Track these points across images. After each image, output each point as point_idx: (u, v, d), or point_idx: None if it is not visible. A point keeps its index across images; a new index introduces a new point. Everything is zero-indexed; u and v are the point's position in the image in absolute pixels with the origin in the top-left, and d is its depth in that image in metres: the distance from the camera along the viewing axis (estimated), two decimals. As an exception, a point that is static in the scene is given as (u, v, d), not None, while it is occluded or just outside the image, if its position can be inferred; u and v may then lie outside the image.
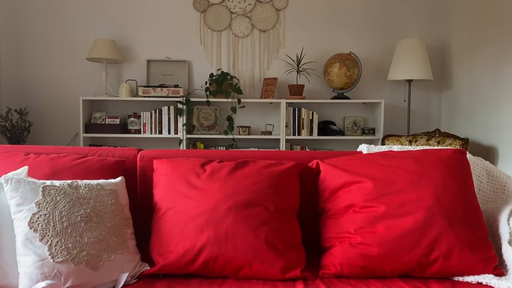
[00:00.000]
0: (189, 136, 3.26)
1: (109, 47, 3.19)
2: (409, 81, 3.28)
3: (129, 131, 3.31)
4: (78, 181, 1.35)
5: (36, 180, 1.29)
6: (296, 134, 3.32)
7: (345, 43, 3.49)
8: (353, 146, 3.54)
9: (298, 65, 3.35)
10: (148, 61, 3.43)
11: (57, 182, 1.32)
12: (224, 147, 3.35)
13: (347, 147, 3.54)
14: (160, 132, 3.29)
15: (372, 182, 1.41)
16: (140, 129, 3.31)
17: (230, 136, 3.28)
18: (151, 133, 3.29)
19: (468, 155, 1.59)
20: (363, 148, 1.65)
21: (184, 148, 3.24)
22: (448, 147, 1.55)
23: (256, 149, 3.21)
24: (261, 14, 3.46)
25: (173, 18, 3.45)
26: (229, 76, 3.25)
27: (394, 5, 3.48)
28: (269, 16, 3.47)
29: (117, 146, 3.37)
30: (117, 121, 3.32)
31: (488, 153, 2.85)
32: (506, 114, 2.65)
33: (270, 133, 3.38)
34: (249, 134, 3.35)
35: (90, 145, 3.36)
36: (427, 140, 2.92)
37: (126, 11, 3.43)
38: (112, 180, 1.43)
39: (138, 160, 1.59)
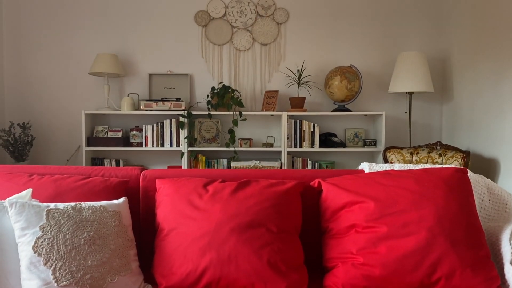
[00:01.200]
0: (191, 149, 3.27)
1: (111, 62, 3.22)
2: (410, 93, 3.29)
3: (131, 144, 3.33)
4: (82, 203, 1.36)
5: (40, 203, 1.30)
6: (298, 146, 3.33)
7: (346, 55, 3.52)
8: (355, 158, 3.55)
9: (299, 78, 3.37)
10: (150, 75, 3.46)
11: (61, 205, 1.33)
12: (226, 159, 3.36)
13: (348, 159, 3.55)
14: (162, 145, 3.31)
15: (374, 202, 1.42)
16: (142, 142, 3.33)
17: (232, 149, 3.29)
18: (153, 146, 3.31)
19: (469, 173, 1.59)
20: (365, 167, 1.66)
21: (186, 161, 3.25)
22: (449, 166, 1.56)
23: (258, 162, 3.23)
24: (262, 28, 3.49)
25: (175, 32, 3.48)
26: (230, 89, 3.27)
27: (394, 17, 3.50)
28: (270, 30, 3.49)
29: (119, 159, 3.39)
30: (119, 134, 3.34)
31: (490, 166, 2.85)
32: (508, 127, 2.65)
33: (271, 145, 3.39)
34: (250, 146, 3.37)
35: (92, 159, 3.37)
36: (429, 152, 2.92)
37: (128, 26, 3.46)
38: (115, 201, 1.44)
39: (140, 180, 1.60)
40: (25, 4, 3.42)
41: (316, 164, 3.38)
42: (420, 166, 1.63)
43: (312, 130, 3.34)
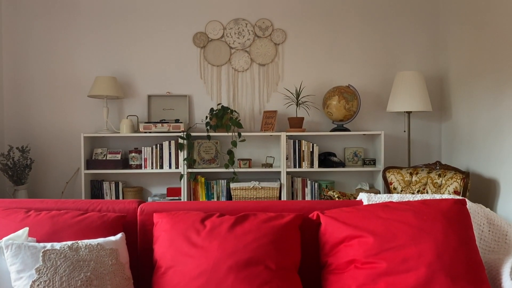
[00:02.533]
0: (190, 170, 3.27)
1: (110, 84, 3.24)
2: (409, 112, 3.30)
3: (130, 167, 3.32)
4: (79, 242, 1.35)
5: (37, 244, 1.30)
6: (297, 167, 3.33)
7: (344, 75, 3.53)
8: (354, 177, 3.54)
9: (297, 98, 3.38)
10: (149, 96, 3.47)
11: (57, 245, 1.32)
12: (225, 180, 3.35)
13: (348, 178, 3.54)
14: (161, 167, 3.31)
15: (373, 236, 1.41)
16: (141, 164, 3.32)
17: (231, 170, 3.29)
18: (152, 168, 3.30)
19: (468, 203, 1.59)
20: (363, 197, 1.66)
21: (185, 183, 3.24)
22: (448, 197, 1.56)
23: (257, 183, 3.22)
24: (260, 48, 3.51)
25: (173, 54, 3.50)
26: (229, 110, 3.28)
27: (391, 37, 3.53)
28: (268, 51, 3.52)
29: (118, 181, 3.38)
30: (118, 156, 3.34)
31: (489, 186, 2.84)
32: (507, 147, 2.65)
33: (270, 165, 3.38)
34: (249, 167, 3.36)
35: (92, 181, 3.37)
36: (428, 172, 2.92)
37: (126, 48, 3.49)
38: (112, 238, 1.43)
39: (138, 213, 1.60)
40: (23, 27, 3.45)
41: (316, 184, 3.37)
42: (419, 197, 1.62)
43: (311, 150, 3.34)
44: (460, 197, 1.57)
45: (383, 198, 1.62)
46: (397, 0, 3.52)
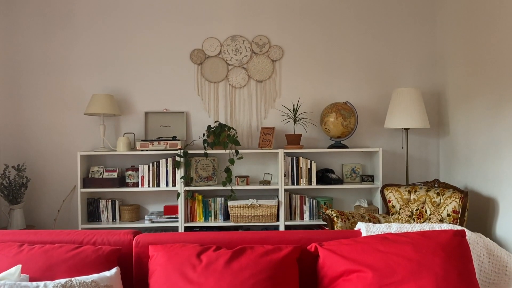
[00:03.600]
0: (187, 188, 3.25)
1: (107, 102, 3.22)
2: (406, 128, 3.29)
3: (127, 185, 3.30)
4: (72, 279, 1.33)
5: (29, 284, 1.27)
6: (295, 184, 3.31)
7: (341, 91, 3.53)
8: (353, 194, 3.52)
9: (294, 115, 3.37)
10: (146, 113, 3.45)
11: (50, 284, 1.29)
12: (223, 198, 3.32)
13: (346, 195, 3.52)
14: (158, 185, 3.28)
15: (372, 271, 1.39)
16: (138, 182, 3.30)
17: (229, 188, 3.27)
18: (149, 186, 3.28)
19: (468, 233, 1.57)
20: (362, 228, 1.64)
21: (182, 201, 3.22)
22: (447, 227, 1.54)
23: (255, 201, 3.19)
24: (257, 65, 3.51)
25: (170, 70, 3.49)
26: (226, 127, 3.26)
27: (388, 53, 3.53)
28: (265, 67, 3.51)
29: (115, 199, 3.35)
30: (115, 174, 3.31)
31: (488, 205, 2.83)
32: (505, 167, 2.64)
33: (268, 182, 3.36)
34: (247, 184, 3.34)
35: (88, 199, 3.34)
36: (426, 191, 2.90)
37: (123, 64, 3.48)
38: (107, 274, 1.40)
39: (133, 246, 1.57)
40: (19, 45, 3.44)
41: (314, 201, 3.35)
42: (418, 227, 1.60)
43: (309, 167, 3.32)
44: (460, 228, 1.55)
45: (381, 228, 1.60)
46: (394, 16, 3.53)
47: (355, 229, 1.68)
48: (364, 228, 1.63)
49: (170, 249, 1.50)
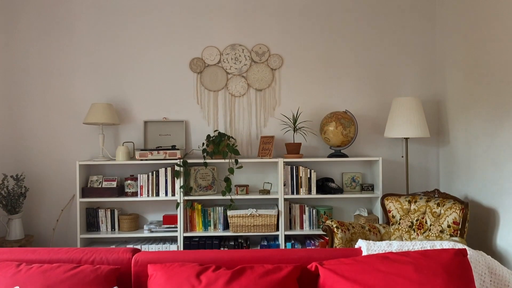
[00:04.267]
0: (186, 198, 3.23)
1: (106, 111, 3.21)
2: (406, 137, 3.28)
3: (126, 194, 3.28)
4: (71, 302, 1.31)
5: (27, 307, 1.26)
6: (295, 193, 3.29)
7: (341, 100, 3.52)
8: (353, 203, 3.51)
9: (294, 124, 3.36)
10: (145, 122, 3.44)
11: (48, 307, 1.28)
12: (222, 207, 3.31)
13: (346, 204, 3.51)
14: (157, 194, 3.27)
15: (372, 292, 1.37)
16: (137, 191, 3.28)
17: (228, 197, 3.25)
18: (148, 196, 3.26)
19: (469, 252, 1.56)
20: (363, 245, 1.63)
21: (182, 211, 3.20)
22: (449, 245, 1.53)
23: (255, 210, 3.18)
24: (256, 74, 3.50)
25: (170, 79, 3.48)
26: (226, 137, 3.25)
27: (388, 61, 3.53)
28: (264, 76, 3.50)
29: (114, 208, 3.33)
30: (114, 184, 3.30)
31: (489, 215, 2.82)
32: (505, 176, 2.63)
33: (268, 192, 3.35)
34: (247, 193, 3.33)
35: (87, 209, 3.32)
36: (427, 201, 2.89)
37: (123, 73, 3.47)
38: (106, 295, 1.39)
39: (132, 265, 1.56)
40: (18, 54, 3.43)
41: (314, 210, 3.33)
42: (419, 245, 1.59)
43: (308, 176, 3.31)
44: (461, 246, 1.54)
45: (382, 246, 1.59)
46: (394, 25, 3.52)
47: (356, 246, 1.67)
48: (365, 246, 1.61)
49: (169, 268, 1.48)
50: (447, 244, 1.59)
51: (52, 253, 1.59)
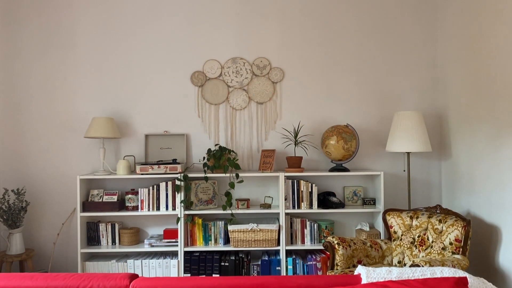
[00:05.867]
0: (187, 212, 3.22)
1: (107, 125, 3.21)
2: (408, 152, 3.26)
3: (126, 208, 3.28)
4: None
5: None
6: (296, 207, 3.28)
7: (342, 113, 3.51)
8: (354, 217, 3.49)
9: (295, 137, 3.35)
10: (146, 136, 3.44)
11: None
12: (223, 222, 3.30)
13: (348, 218, 3.49)
14: (158, 209, 3.26)
15: (371, 324, 1.36)
16: (138, 205, 3.28)
17: (229, 212, 3.24)
18: (148, 210, 3.26)
19: (470, 280, 1.54)
20: (362, 273, 1.61)
21: (182, 225, 3.19)
22: (449, 273, 1.51)
23: (256, 225, 3.17)
24: (257, 87, 3.50)
25: (171, 92, 3.48)
26: (226, 151, 3.24)
27: (389, 75, 3.51)
28: (265, 89, 3.50)
29: (114, 222, 3.33)
30: (115, 198, 3.29)
31: (491, 232, 2.79)
32: (508, 193, 2.61)
33: (269, 206, 3.34)
34: (248, 207, 3.32)
35: (88, 223, 3.32)
36: (428, 217, 2.87)
37: (124, 87, 3.47)
38: (102, 325, 1.38)
39: (130, 292, 1.55)
40: (20, 69, 3.45)
41: (315, 225, 3.32)
42: (419, 271, 1.57)
43: (310, 190, 3.29)
44: (462, 274, 1.52)
45: (382, 274, 1.57)
46: (395, 39, 3.51)
47: (355, 273, 1.65)
48: (365, 274, 1.60)
49: (166, 297, 1.47)
50: (447, 272, 1.57)
51: (50, 279, 1.58)
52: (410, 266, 2.38)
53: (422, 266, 2.32)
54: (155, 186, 3.27)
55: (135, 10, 3.48)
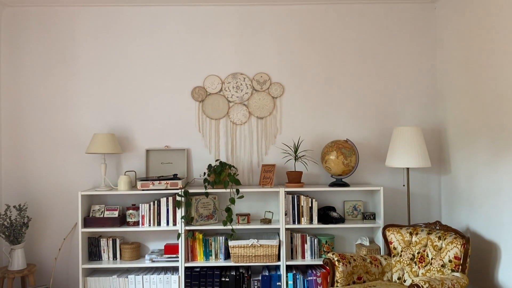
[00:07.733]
0: (187, 228, 3.24)
1: (108, 141, 3.23)
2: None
3: (127, 223, 3.29)
4: None
5: None
6: (296, 223, 3.29)
7: (342, 128, 3.53)
8: (354, 232, 3.50)
9: (295, 152, 3.37)
10: (147, 151, 3.46)
11: None
12: (224, 237, 3.31)
13: (348, 233, 3.50)
14: (159, 224, 3.28)
15: None
16: (139, 221, 3.29)
17: (229, 227, 3.26)
18: (149, 225, 3.27)
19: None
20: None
21: (183, 241, 3.21)
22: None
23: (256, 241, 3.18)
24: (258, 102, 3.52)
25: (172, 108, 3.51)
26: (227, 166, 3.26)
27: (389, 90, 3.53)
28: (266, 104, 3.52)
29: (115, 237, 3.34)
30: (116, 213, 3.31)
31: (491, 249, 2.81)
32: (506, 210, 2.62)
33: (269, 221, 3.35)
34: (248, 222, 3.33)
35: (89, 238, 3.33)
36: (428, 233, 2.88)
37: (125, 102, 3.50)
38: None
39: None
40: (21, 84, 3.47)
41: (316, 239, 3.33)
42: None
43: (310, 205, 3.31)
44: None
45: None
46: (394, 54, 3.54)
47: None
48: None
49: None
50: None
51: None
52: (409, 286, 2.39)
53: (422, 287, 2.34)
54: (156, 202, 3.29)
55: (137, 27, 3.51)
